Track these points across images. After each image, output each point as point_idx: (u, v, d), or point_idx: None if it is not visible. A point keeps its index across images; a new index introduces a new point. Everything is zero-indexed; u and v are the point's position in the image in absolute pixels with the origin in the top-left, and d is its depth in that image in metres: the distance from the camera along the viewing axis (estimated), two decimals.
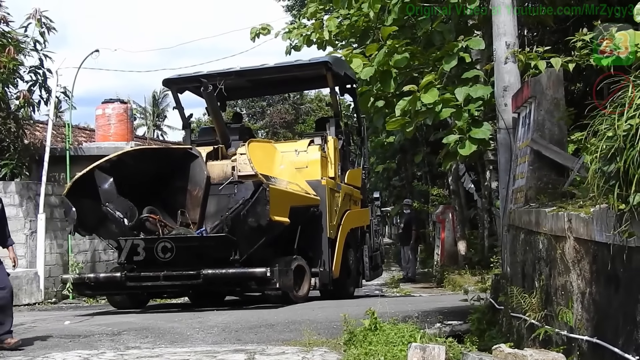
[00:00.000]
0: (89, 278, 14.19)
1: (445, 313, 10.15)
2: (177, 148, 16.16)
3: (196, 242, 13.68)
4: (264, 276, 12.92)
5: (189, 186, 15.04)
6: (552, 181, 7.01)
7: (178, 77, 17.42)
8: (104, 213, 13.72)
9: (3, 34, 17.80)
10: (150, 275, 13.52)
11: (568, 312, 5.23)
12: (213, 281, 13.43)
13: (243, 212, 13.19)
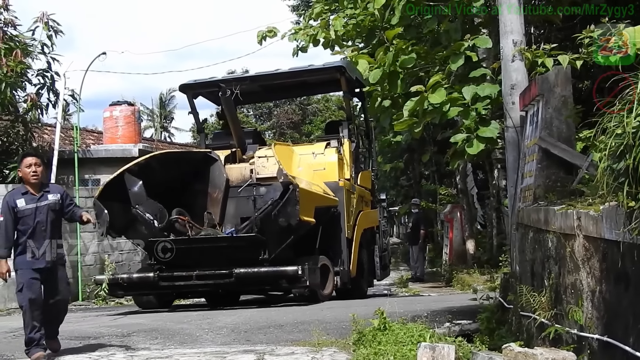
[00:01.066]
0: (122, 279, 14.45)
1: (454, 312, 10.14)
2: (197, 152, 16.44)
3: (227, 242, 14.00)
4: (295, 274, 13.36)
5: (209, 189, 15.39)
6: (560, 179, 7.00)
7: (194, 83, 17.56)
8: (134, 215, 13.98)
9: (11, 38, 17.83)
10: (183, 275, 13.90)
11: (578, 310, 5.21)
12: (245, 280, 13.76)
13: (274, 212, 13.45)
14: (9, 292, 16.09)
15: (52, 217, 9.06)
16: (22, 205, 8.92)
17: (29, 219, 8.91)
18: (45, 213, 8.98)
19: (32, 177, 9.02)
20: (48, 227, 9.01)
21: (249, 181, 15.52)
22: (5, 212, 8.95)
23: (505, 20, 8.40)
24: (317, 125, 57.65)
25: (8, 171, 18.03)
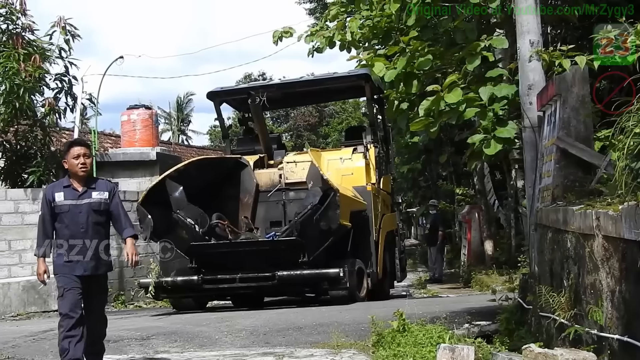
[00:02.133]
0: (167, 282, 14.73)
1: (473, 313, 10.12)
2: (229, 157, 16.76)
3: (268, 245, 14.31)
4: (336, 277, 13.83)
5: (240, 193, 15.84)
6: (579, 179, 6.98)
7: (221, 90, 17.95)
8: (175, 220, 14.35)
9: (29, 43, 17.90)
10: (227, 278, 14.25)
11: (598, 310, 5.20)
12: (288, 282, 14.22)
13: (316, 216, 13.72)
14: (28, 295, 16.17)
15: (94, 218, 8.09)
16: (59, 200, 8.03)
17: (67, 217, 8.02)
18: (85, 213, 8.01)
19: (80, 169, 8.05)
20: (89, 229, 8.03)
21: (278, 186, 15.96)
22: (44, 206, 8.14)
23: (522, 20, 8.38)
24: (334, 127, 57.67)
25: (27, 175, 18.11)
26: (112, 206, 8.24)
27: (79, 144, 8.37)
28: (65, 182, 8.21)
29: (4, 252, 17.02)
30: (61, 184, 8.26)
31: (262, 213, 15.94)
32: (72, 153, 8.11)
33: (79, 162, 8.09)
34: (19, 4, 18.11)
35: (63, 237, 8.00)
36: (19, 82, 16.77)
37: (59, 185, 8.26)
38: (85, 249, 7.99)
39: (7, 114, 17.23)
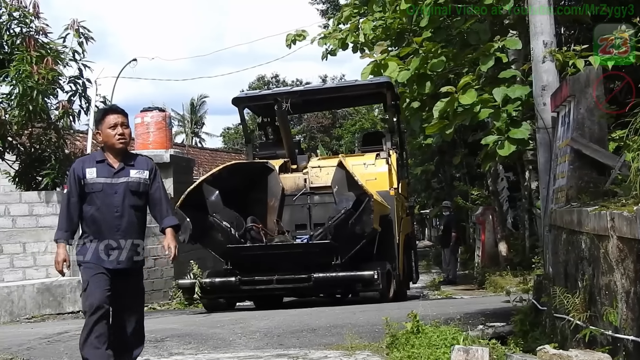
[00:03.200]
0: (205, 283, 15.05)
1: (487, 315, 10.10)
2: (257, 162, 17.22)
3: (303, 248, 14.99)
4: (371, 279, 14.33)
5: (266, 197, 16.31)
6: (593, 180, 6.96)
7: (245, 96, 18.99)
8: (210, 223, 14.81)
9: (42, 45, 17.96)
10: (264, 279, 14.68)
11: (613, 312, 5.18)
12: (323, 284, 14.74)
13: (351, 220, 14.14)
14: (42, 298, 16.20)
15: (131, 201, 7.02)
16: (91, 177, 6.93)
17: (99, 197, 6.93)
18: (121, 194, 6.92)
19: (118, 141, 6.98)
20: (125, 214, 6.97)
21: (303, 190, 16.43)
22: (71, 183, 7.05)
23: (535, 21, 8.37)
24: (347, 129, 57.67)
25: (41, 178, 18.16)
26: (152, 188, 7.17)
27: (116, 111, 7.20)
28: (98, 156, 7.13)
29: (19, 254, 17.07)
30: (93, 158, 7.18)
31: (287, 216, 16.43)
32: (108, 122, 7.03)
33: (116, 132, 7.00)
34: (32, 7, 18.18)
35: (92, 221, 6.97)
36: (32, 84, 16.82)
37: (91, 159, 7.16)
38: (119, 237, 6.96)
39: (21, 117, 17.27)
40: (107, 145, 7.04)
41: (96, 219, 6.97)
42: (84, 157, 7.49)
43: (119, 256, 6.99)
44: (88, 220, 7.01)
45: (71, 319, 15.61)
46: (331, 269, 14.43)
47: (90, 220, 7.00)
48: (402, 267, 16.69)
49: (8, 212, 17.19)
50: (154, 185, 7.17)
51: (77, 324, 13.46)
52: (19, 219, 17.17)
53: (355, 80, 18.04)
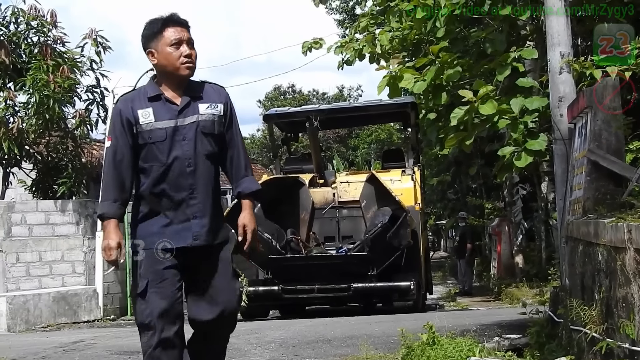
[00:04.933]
0: (249, 291, 15.45)
1: (503, 326, 10.06)
2: (290, 177, 17.82)
3: (341, 259, 15.62)
4: (407, 289, 15.33)
5: (298, 210, 16.96)
6: (610, 192, 6.92)
7: (275, 113, 20.05)
8: None
9: (59, 54, 18.05)
10: (306, 289, 15.40)
11: (629, 324, 5.15)
12: (361, 293, 15.68)
13: (389, 234, 14.78)
14: (58, 307, 16.27)
15: (205, 148, 5.16)
16: (148, 120, 5.08)
17: (161, 149, 5.08)
18: (192, 139, 5.08)
19: (184, 66, 5.13)
20: (199, 167, 5.12)
21: (332, 204, 17.08)
22: (117, 133, 5.12)
23: (552, 32, 8.34)
24: (363, 139, 57.64)
25: (58, 186, 18.24)
26: (228, 129, 5.31)
27: (178, 22, 5.22)
28: (150, 90, 5.20)
29: (35, 263, 17.17)
30: (143, 94, 5.22)
31: (317, 229, 17.12)
32: (168, 38, 5.12)
33: (180, 52, 5.12)
34: (49, 16, 18.31)
35: (153, 183, 5.13)
36: (48, 93, 16.91)
37: (141, 96, 5.21)
38: (194, 201, 5.15)
39: (38, 126, 17.39)
40: (166, 73, 5.17)
41: (159, 179, 5.12)
42: (129, 93, 5.36)
43: (195, 228, 5.16)
44: (146, 182, 5.18)
45: (86, 327, 15.67)
46: (367, 279, 15.25)
47: (150, 182, 5.15)
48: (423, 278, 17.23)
49: (25, 220, 17.29)
50: (231, 126, 5.34)
51: (92, 333, 13.52)
52: (35, 227, 17.27)
53: (380, 100, 18.48)
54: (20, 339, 13.08)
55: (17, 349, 10.90)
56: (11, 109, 17.87)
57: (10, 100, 17.85)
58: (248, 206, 5.48)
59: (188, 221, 5.18)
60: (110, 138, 5.23)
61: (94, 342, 11.49)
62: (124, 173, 5.16)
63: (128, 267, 17.93)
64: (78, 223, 17.58)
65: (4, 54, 17.46)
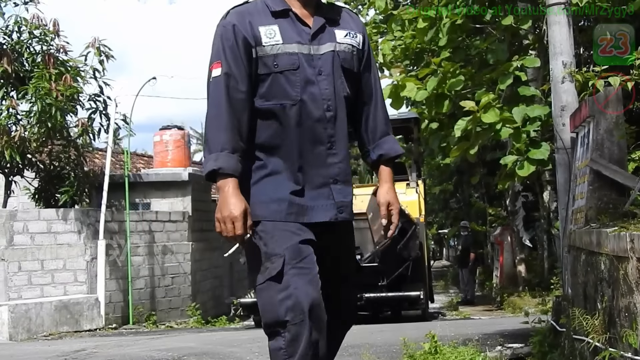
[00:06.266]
0: None
1: (505, 336, 10.05)
2: None
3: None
4: (417, 298, 16.02)
5: None
6: (612, 201, 6.92)
7: None
8: None
9: (62, 63, 18.09)
10: None
11: (632, 334, 5.14)
12: (373, 303, 16.09)
13: (399, 246, 15.13)
14: (60, 315, 16.25)
15: (345, 90, 3.95)
16: (274, 42, 3.80)
17: (291, 82, 3.81)
18: (329, 74, 3.87)
19: None
20: (338, 116, 3.90)
21: None
22: (230, 55, 3.78)
23: (554, 41, 8.35)
24: None
25: (59, 195, 18.25)
26: (366, 70, 4.14)
27: None
28: (274, 4, 3.90)
29: (37, 271, 17.17)
30: (263, 8, 3.90)
31: None
32: None
33: None
34: (52, 25, 18.36)
35: (278, 131, 3.85)
36: (50, 102, 16.93)
37: (260, 10, 3.89)
38: (333, 160, 3.93)
39: (40, 134, 17.41)
40: None
41: (286, 125, 3.84)
42: (242, 5, 3.94)
43: (338, 196, 3.96)
44: (267, 131, 3.87)
45: (88, 336, 15.65)
46: (378, 289, 15.72)
47: (272, 131, 3.86)
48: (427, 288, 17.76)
49: (27, 229, 17.30)
50: (369, 67, 4.17)
51: (94, 341, 13.51)
52: (38, 236, 17.29)
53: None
54: (22, 348, 13.07)
55: (18, 357, 10.90)
56: (14, 118, 17.89)
57: (12, 108, 17.88)
58: (390, 177, 4.19)
59: (326, 186, 3.91)
60: (219, 64, 3.79)
61: (96, 351, 11.48)
62: (240, 114, 3.78)
63: (129, 273, 17.96)
64: (80, 231, 17.58)
65: (6, 62, 17.50)
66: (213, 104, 3.79)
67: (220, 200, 3.71)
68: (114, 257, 18.18)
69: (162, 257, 19.72)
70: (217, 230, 3.69)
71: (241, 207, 3.64)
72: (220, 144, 3.72)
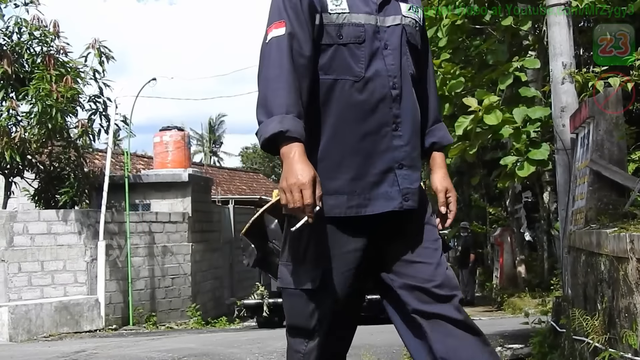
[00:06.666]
0: (269, 303, 16.14)
1: (505, 336, 10.05)
2: None
3: None
4: None
5: None
6: (612, 202, 6.92)
7: None
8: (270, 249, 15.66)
9: (62, 64, 18.09)
10: None
11: (632, 334, 5.15)
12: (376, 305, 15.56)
13: None
14: (60, 316, 16.25)
15: (411, 67, 3.59)
16: (340, 9, 3.43)
17: (355, 55, 3.43)
18: (397, 48, 3.51)
19: None
20: (404, 95, 3.50)
21: None
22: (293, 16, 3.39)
23: (554, 42, 8.35)
24: None
25: (59, 196, 18.26)
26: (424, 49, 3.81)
27: None
28: None
29: (37, 272, 17.18)
30: None
31: None
32: None
33: None
34: (52, 26, 18.36)
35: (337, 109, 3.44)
36: (51, 103, 16.94)
37: None
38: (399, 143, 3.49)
39: (40, 135, 17.41)
40: None
41: (346, 103, 3.43)
42: None
43: (403, 183, 3.50)
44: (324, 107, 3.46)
45: (88, 337, 15.65)
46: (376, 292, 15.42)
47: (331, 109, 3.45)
48: None
49: (27, 230, 17.31)
50: (427, 47, 3.90)
51: (94, 342, 13.51)
52: (38, 237, 17.29)
53: None
54: (22, 349, 13.07)
55: (18, 358, 10.90)
56: (14, 119, 17.89)
57: (12, 109, 17.87)
58: (444, 163, 3.92)
59: (390, 172, 3.48)
60: (283, 23, 3.39)
61: (96, 352, 11.48)
62: (301, 80, 3.35)
63: (129, 274, 17.96)
64: (80, 233, 17.59)
65: (7, 63, 17.50)
66: (274, 65, 3.36)
67: (285, 167, 3.25)
68: (114, 258, 18.20)
69: (162, 258, 19.73)
70: (282, 202, 3.29)
71: (310, 174, 3.19)
72: (285, 105, 3.27)
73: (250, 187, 39.65)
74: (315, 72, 3.42)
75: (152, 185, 20.93)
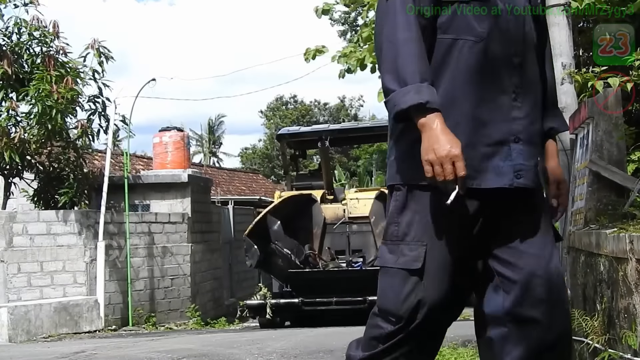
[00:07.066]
0: (272, 304, 16.40)
1: None
2: (304, 194, 18.50)
3: (357, 273, 16.33)
4: None
5: (311, 226, 17.83)
6: (612, 202, 6.92)
7: (288, 133, 20.76)
8: (272, 250, 16.35)
9: (62, 65, 18.07)
10: (324, 301, 16.08)
11: (631, 335, 5.15)
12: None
13: None
14: (59, 317, 16.24)
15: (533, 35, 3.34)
16: None
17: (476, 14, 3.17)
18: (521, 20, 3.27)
19: None
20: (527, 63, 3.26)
21: (342, 219, 17.97)
22: None
23: (554, 43, 8.35)
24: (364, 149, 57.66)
25: (59, 197, 18.24)
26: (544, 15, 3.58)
27: None
28: None
29: (36, 273, 17.16)
30: None
31: (328, 243, 17.99)
32: None
33: None
34: (52, 26, 18.35)
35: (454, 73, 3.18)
36: (51, 103, 16.92)
37: None
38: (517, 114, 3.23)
39: (40, 136, 17.40)
40: None
41: (465, 67, 3.18)
42: None
43: (518, 158, 3.21)
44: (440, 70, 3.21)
45: (88, 338, 15.64)
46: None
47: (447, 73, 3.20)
48: None
49: (26, 230, 17.29)
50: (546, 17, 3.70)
51: (93, 343, 13.51)
52: (37, 237, 17.27)
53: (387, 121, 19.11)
54: (22, 350, 13.06)
55: (18, 359, 10.89)
56: (13, 119, 17.87)
57: (12, 110, 17.85)
58: (557, 152, 3.62)
59: (505, 144, 3.20)
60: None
61: (95, 352, 11.47)
62: (424, 46, 3.14)
63: (129, 274, 17.95)
64: (80, 233, 17.56)
65: (6, 64, 17.48)
66: (401, 26, 3.12)
67: (430, 139, 3.01)
68: (114, 258, 18.18)
69: (161, 258, 19.71)
70: (428, 175, 3.02)
71: (459, 145, 2.98)
72: (420, 73, 3.07)
73: (250, 187, 39.64)
74: (434, 32, 3.20)
75: (151, 186, 20.90)
